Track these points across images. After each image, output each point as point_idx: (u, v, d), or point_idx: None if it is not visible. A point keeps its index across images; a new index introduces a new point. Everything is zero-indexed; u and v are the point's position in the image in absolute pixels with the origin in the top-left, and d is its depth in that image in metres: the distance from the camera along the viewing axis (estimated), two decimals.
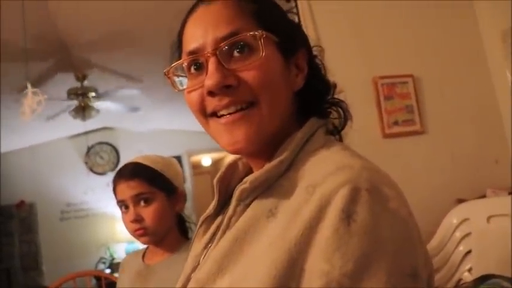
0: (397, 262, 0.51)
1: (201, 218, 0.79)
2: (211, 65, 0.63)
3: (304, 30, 0.82)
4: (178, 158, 6.71)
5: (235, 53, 0.64)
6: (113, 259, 6.30)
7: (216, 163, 8.57)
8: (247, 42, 0.63)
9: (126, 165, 1.42)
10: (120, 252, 6.37)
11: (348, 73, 2.12)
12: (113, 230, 6.48)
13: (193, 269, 0.73)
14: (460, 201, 2.13)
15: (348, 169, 0.56)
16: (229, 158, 0.81)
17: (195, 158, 7.51)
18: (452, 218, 1.95)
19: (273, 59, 0.65)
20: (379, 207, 0.53)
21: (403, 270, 0.51)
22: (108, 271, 5.68)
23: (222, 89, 0.63)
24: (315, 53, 0.77)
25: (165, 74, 0.71)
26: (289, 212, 0.58)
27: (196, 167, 8.01)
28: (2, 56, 3.38)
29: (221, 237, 0.66)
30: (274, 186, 0.64)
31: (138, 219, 1.34)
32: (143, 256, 1.47)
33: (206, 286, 0.61)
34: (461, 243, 1.87)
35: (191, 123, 0.70)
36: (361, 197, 0.53)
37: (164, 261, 1.39)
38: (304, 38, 0.76)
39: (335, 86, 0.77)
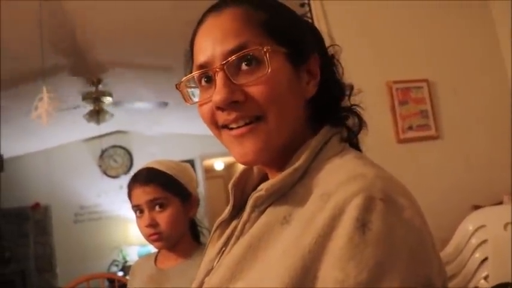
0: (412, 272, 0.51)
1: (216, 223, 0.79)
2: (219, 80, 0.63)
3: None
4: (191, 162, 6.75)
5: (244, 66, 0.63)
6: (126, 262, 6.33)
7: (228, 167, 8.58)
8: (255, 55, 0.63)
9: (141, 170, 1.43)
10: (132, 255, 6.40)
11: (362, 77, 2.09)
12: (126, 233, 6.51)
13: (207, 274, 0.73)
14: (476, 207, 2.11)
15: (361, 178, 0.56)
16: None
17: (207, 162, 7.53)
18: (468, 224, 1.92)
19: (280, 71, 0.64)
20: (393, 216, 0.53)
21: (418, 280, 0.51)
22: (120, 274, 5.71)
23: (230, 104, 0.63)
24: (331, 52, 0.76)
25: (177, 87, 0.71)
26: (303, 219, 0.58)
27: (209, 171, 8.03)
28: (19, 61, 3.43)
29: (235, 243, 0.66)
30: (289, 194, 0.64)
31: (153, 224, 1.35)
32: (155, 260, 1.47)
33: None
34: (478, 250, 1.84)
35: (204, 127, 0.70)
36: (375, 206, 0.52)
37: (178, 266, 1.39)
38: (318, 41, 0.75)
39: (352, 87, 0.76)
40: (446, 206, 2.07)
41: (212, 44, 0.65)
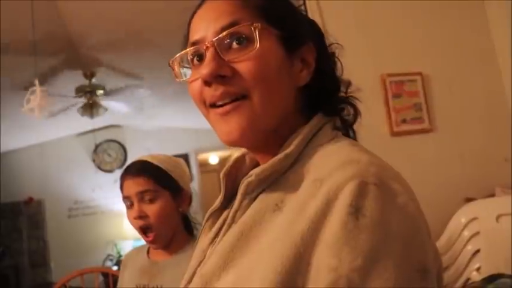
0: (406, 257, 0.51)
1: (208, 213, 0.79)
2: (209, 55, 0.63)
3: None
4: (186, 156, 6.74)
5: (234, 44, 0.64)
6: (120, 256, 6.32)
7: (223, 161, 8.57)
8: (246, 34, 0.63)
9: (133, 163, 1.45)
10: (127, 249, 6.38)
11: (356, 70, 2.10)
12: (120, 228, 6.51)
13: (199, 263, 0.73)
14: (469, 200, 2.12)
15: (355, 163, 0.56)
16: (236, 154, 0.81)
17: (202, 156, 7.52)
18: (461, 217, 1.94)
19: (271, 52, 0.64)
20: (387, 202, 0.52)
21: (412, 266, 0.51)
22: (115, 268, 5.70)
23: (217, 78, 0.63)
24: (333, 50, 0.76)
25: (169, 65, 0.71)
26: (295, 205, 0.57)
27: (204, 165, 8.02)
28: (11, 53, 3.40)
29: (226, 231, 0.66)
30: (281, 180, 0.64)
31: (142, 216, 1.36)
32: (148, 252, 1.48)
33: (211, 281, 0.60)
34: (470, 243, 1.86)
35: (199, 121, 0.70)
36: (369, 191, 0.52)
37: (171, 258, 1.40)
38: (316, 33, 0.75)
39: (349, 83, 0.76)
40: (439, 198, 2.08)
41: (206, 23, 0.66)
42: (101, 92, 4.19)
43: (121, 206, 5.52)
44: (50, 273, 6.15)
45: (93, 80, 4.22)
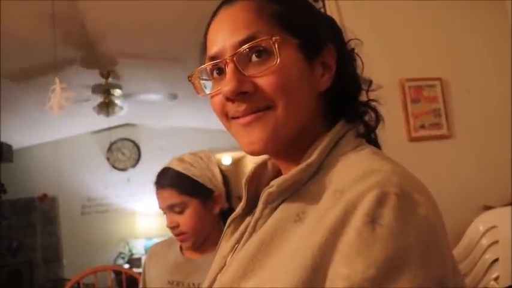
0: (424, 272, 0.49)
1: (229, 219, 0.78)
2: (229, 71, 0.63)
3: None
4: None
5: (254, 58, 0.63)
6: (132, 254, 6.36)
7: (236, 162, 8.58)
8: (265, 46, 0.62)
9: (162, 172, 1.45)
10: (138, 247, 6.43)
11: (374, 75, 2.08)
12: (132, 226, 6.54)
13: (220, 270, 0.73)
14: (487, 208, 2.09)
15: (376, 173, 0.55)
16: (250, 157, 0.80)
17: (215, 157, 7.53)
18: (479, 225, 1.91)
19: (291, 63, 0.63)
20: (407, 212, 0.51)
21: (430, 281, 0.49)
22: (126, 266, 5.73)
23: (239, 95, 0.62)
24: (352, 46, 0.74)
25: (189, 79, 0.71)
26: (316, 217, 0.56)
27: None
28: (30, 51, 3.44)
29: (247, 239, 0.66)
30: (302, 190, 0.63)
31: (174, 226, 1.39)
32: (181, 248, 1.49)
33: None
34: (488, 251, 1.83)
35: (212, 121, 0.70)
36: (389, 201, 0.51)
37: (207, 257, 1.40)
38: (335, 34, 0.73)
39: (370, 82, 0.74)
40: (457, 206, 2.05)
41: (223, 35, 0.65)
42: (117, 91, 4.21)
43: (133, 205, 5.54)
44: (62, 270, 6.20)
45: (110, 79, 4.25)
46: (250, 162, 7.64)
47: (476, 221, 1.93)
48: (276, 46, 0.61)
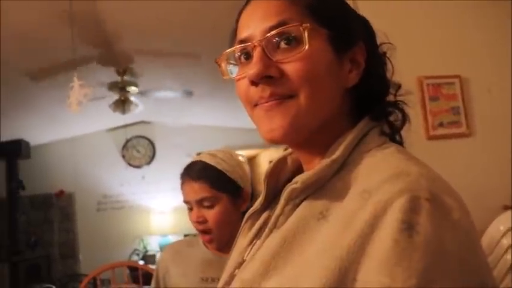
0: (464, 277, 0.48)
1: (247, 214, 0.78)
2: (256, 54, 0.63)
3: None
4: None
5: (283, 44, 0.63)
6: (146, 251, 6.41)
7: (249, 160, 8.58)
8: (295, 34, 0.62)
9: (192, 164, 1.42)
10: (153, 244, 6.47)
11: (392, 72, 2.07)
12: (147, 223, 6.59)
13: (237, 266, 0.72)
14: (507, 207, 2.06)
15: (404, 176, 0.54)
16: (263, 155, 0.80)
17: None
18: (499, 224, 1.87)
19: (319, 52, 0.63)
20: (441, 218, 0.50)
21: (470, 286, 0.48)
22: (141, 262, 5.78)
23: (263, 79, 0.62)
24: (384, 50, 0.74)
25: (216, 61, 0.71)
26: (342, 216, 0.55)
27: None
28: (48, 50, 3.48)
29: (268, 235, 0.65)
30: (326, 187, 0.62)
31: (201, 221, 1.35)
32: (205, 245, 1.47)
33: (252, 287, 0.59)
34: (509, 252, 1.80)
35: (227, 119, 0.70)
36: (421, 207, 0.50)
37: None
38: (368, 33, 0.73)
39: (399, 86, 0.73)
40: (477, 205, 2.00)
41: (254, 21, 0.65)
42: (133, 88, 4.24)
43: (148, 202, 5.59)
44: (78, 265, 6.28)
45: (126, 77, 4.28)
46: (264, 160, 7.64)
47: (496, 220, 1.90)
48: (306, 33, 0.61)
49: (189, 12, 3.10)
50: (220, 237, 1.36)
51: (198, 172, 1.37)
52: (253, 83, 0.63)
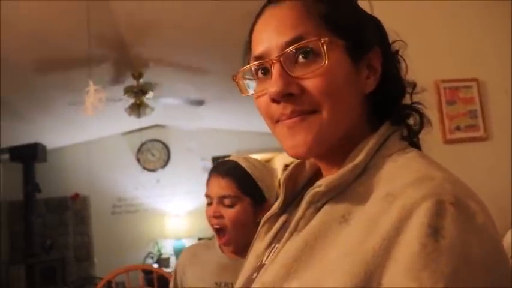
0: (489, 282, 0.48)
1: (264, 217, 0.78)
2: (275, 72, 0.62)
3: None
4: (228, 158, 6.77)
5: (300, 58, 0.62)
6: (161, 254, 6.43)
7: None
8: (312, 47, 0.61)
9: (224, 162, 1.43)
10: (167, 248, 6.49)
11: (409, 75, 2.05)
12: (162, 226, 6.62)
13: (255, 269, 0.72)
14: None
15: (429, 180, 0.53)
16: (278, 159, 0.79)
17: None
18: None
19: (338, 65, 0.62)
20: (466, 222, 0.50)
21: None
22: (155, 266, 5.80)
23: (285, 96, 0.62)
24: (396, 48, 0.73)
25: (233, 79, 0.71)
26: (365, 220, 0.55)
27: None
28: (65, 54, 3.53)
29: (288, 239, 0.64)
30: (347, 191, 0.61)
31: (217, 216, 1.35)
32: (221, 249, 1.46)
33: None
34: None
35: (241, 123, 0.70)
36: (446, 211, 0.50)
37: None
38: (381, 35, 0.72)
39: (415, 85, 0.73)
40: (494, 210, 1.95)
41: (269, 35, 0.64)
42: (149, 92, 4.27)
43: (163, 205, 5.60)
44: (93, 268, 6.32)
45: (141, 81, 4.31)
46: (279, 164, 7.62)
47: None
48: (325, 48, 0.60)
49: (202, 18, 3.12)
50: (236, 239, 1.35)
51: (227, 169, 1.37)
52: (275, 100, 0.63)
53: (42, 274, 5.30)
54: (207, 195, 1.39)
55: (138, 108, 4.26)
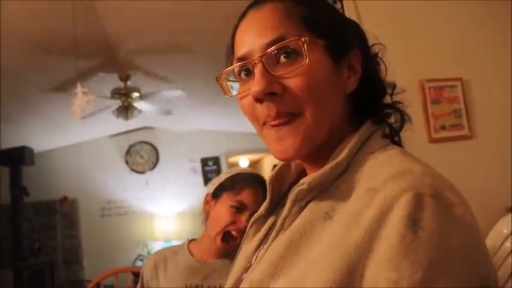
0: (467, 271, 0.50)
1: (252, 219, 0.79)
2: (257, 71, 0.63)
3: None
4: (217, 159, 6.79)
5: (282, 58, 0.63)
6: None
7: (253, 164, 8.59)
8: (293, 47, 0.63)
9: (257, 175, 1.47)
10: (157, 249, 6.46)
11: (394, 75, 2.07)
12: (151, 228, 6.60)
13: (244, 270, 0.73)
14: (510, 210, 2.05)
15: (408, 174, 0.55)
16: (267, 159, 0.81)
17: (233, 160, 7.56)
18: (503, 227, 1.87)
19: (319, 64, 0.64)
20: (445, 214, 0.51)
21: (474, 279, 0.50)
22: None
23: (267, 95, 0.63)
24: (376, 51, 0.75)
25: (217, 80, 0.71)
26: (347, 215, 0.57)
27: None
28: (51, 55, 3.50)
29: (274, 238, 0.66)
30: (331, 189, 0.63)
31: (233, 222, 1.39)
32: (190, 252, 1.49)
33: (260, 287, 0.60)
34: None
35: (230, 124, 0.71)
36: (425, 203, 0.51)
37: (222, 260, 1.41)
38: (360, 37, 0.74)
39: (394, 85, 0.75)
40: (479, 207, 1.99)
41: (251, 37, 0.65)
42: (136, 94, 4.25)
43: (152, 207, 5.57)
44: (82, 271, 6.27)
45: (128, 83, 4.30)
46: (268, 165, 7.64)
47: (499, 223, 1.89)
48: (305, 47, 0.62)
49: (189, 17, 3.12)
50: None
51: (262, 183, 1.40)
52: (258, 100, 0.64)
53: (30, 278, 5.24)
54: (242, 203, 1.40)
55: (125, 110, 4.24)
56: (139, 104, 4.39)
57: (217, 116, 5.82)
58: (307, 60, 0.61)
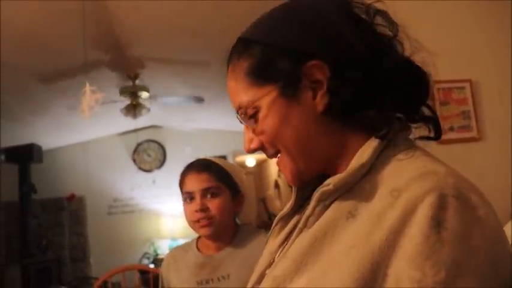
0: (490, 272, 0.51)
1: (277, 217, 0.80)
2: (244, 128, 0.72)
3: None
4: (224, 158, 6.78)
5: (250, 118, 0.69)
6: (157, 255, 6.43)
7: (260, 164, 8.59)
8: (250, 112, 0.68)
9: (197, 160, 1.52)
10: (163, 248, 6.49)
11: None
12: (158, 227, 6.62)
13: (268, 266, 0.74)
14: None
15: (432, 175, 0.56)
16: (273, 160, 0.83)
17: (239, 159, 7.57)
18: (509, 230, 1.86)
19: (277, 111, 0.66)
20: (468, 215, 0.52)
21: (496, 281, 0.51)
22: (151, 266, 5.80)
23: (255, 150, 0.72)
24: (390, 34, 0.71)
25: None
26: (371, 214, 0.58)
27: (241, 168, 8.05)
28: (61, 56, 3.52)
29: (297, 235, 0.67)
30: (354, 189, 0.64)
31: (204, 209, 1.41)
32: (198, 248, 1.52)
33: (284, 283, 0.61)
34: None
35: (237, 124, 0.75)
36: (449, 204, 0.52)
37: (226, 250, 1.45)
38: (330, 45, 0.66)
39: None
40: None
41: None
42: (144, 93, 4.27)
43: (159, 206, 5.59)
44: (89, 268, 6.31)
45: (137, 81, 4.32)
46: (274, 164, 7.62)
47: (507, 226, 1.89)
48: (256, 110, 0.68)
49: (199, 18, 3.12)
50: (219, 223, 1.42)
51: (204, 165, 1.47)
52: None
53: (37, 275, 5.28)
54: (187, 192, 1.45)
55: (134, 108, 4.26)
56: (150, 103, 4.40)
57: (224, 115, 5.83)
58: (258, 124, 0.68)
